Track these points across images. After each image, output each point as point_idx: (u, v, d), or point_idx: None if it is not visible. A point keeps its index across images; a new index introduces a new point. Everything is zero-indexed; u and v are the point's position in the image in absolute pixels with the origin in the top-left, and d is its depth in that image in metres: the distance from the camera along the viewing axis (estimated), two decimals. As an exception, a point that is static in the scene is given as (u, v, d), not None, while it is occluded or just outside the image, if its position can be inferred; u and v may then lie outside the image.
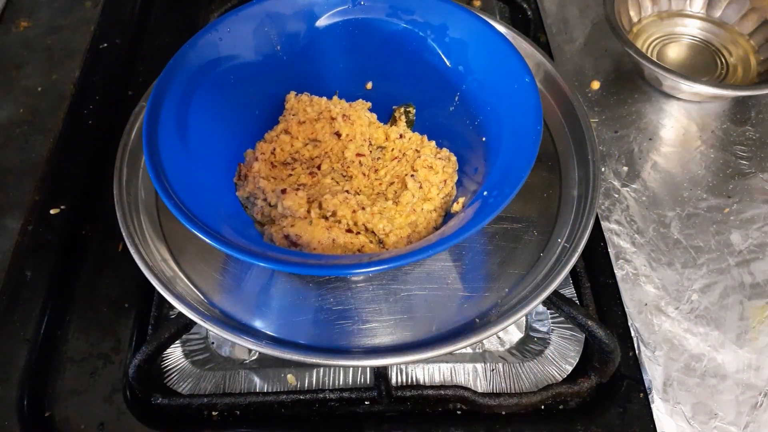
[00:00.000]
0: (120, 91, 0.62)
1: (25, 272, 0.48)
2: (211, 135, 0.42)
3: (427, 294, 0.41)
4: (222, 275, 0.42)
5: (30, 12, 0.66)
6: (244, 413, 0.45)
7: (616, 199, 0.53)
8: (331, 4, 0.45)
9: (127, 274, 0.49)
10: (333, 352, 0.38)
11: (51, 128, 0.56)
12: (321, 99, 0.48)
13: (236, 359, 0.48)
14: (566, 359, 0.46)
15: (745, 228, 0.50)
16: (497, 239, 0.43)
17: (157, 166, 0.36)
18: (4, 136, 0.55)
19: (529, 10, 0.68)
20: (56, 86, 0.59)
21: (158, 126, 0.38)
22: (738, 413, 0.42)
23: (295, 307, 0.41)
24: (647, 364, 0.44)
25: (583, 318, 0.43)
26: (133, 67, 0.65)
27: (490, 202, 0.36)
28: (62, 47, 0.62)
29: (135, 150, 0.46)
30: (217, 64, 0.43)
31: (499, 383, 0.45)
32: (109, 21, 0.66)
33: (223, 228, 0.36)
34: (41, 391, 0.44)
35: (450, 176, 0.45)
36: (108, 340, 0.46)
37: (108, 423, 0.43)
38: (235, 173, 0.45)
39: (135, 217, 0.43)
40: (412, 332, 0.39)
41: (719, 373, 0.44)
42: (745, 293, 0.47)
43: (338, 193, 0.42)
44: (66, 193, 0.53)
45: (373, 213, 0.41)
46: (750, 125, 0.57)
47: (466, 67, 0.44)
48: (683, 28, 0.64)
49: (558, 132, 0.48)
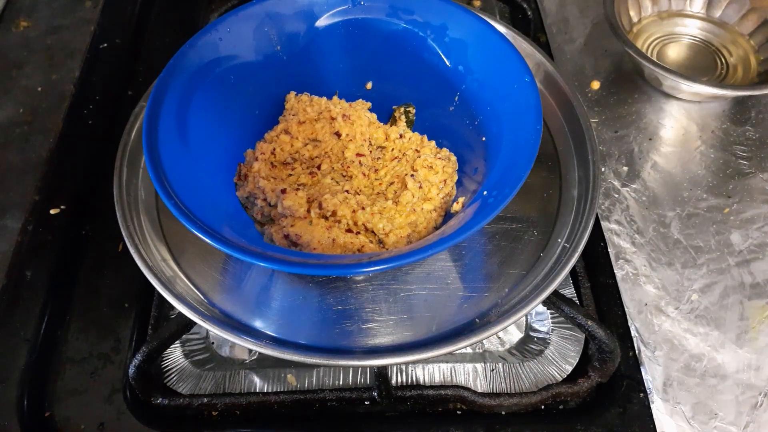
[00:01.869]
0: (120, 91, 0.62)
1: (25, 272, 0.48)
2: (211, 135, 0.42)
3: (427, 294, 0.41)
4: (222, 275, 0.42)
5: (30, 12, 0.66)
6: (244, 413, 0.45)
7: (616, 199, 0.53)
8: (331, 4, 0.45)
9: (127, 274, 0.49)
10: (333, 352, 0.38)
11: (51, 128, 0.56)
12: (321, 99, 0.48)
13: (236, 359, 0.48)
14: (566, 359, 0.46)
15: (745, 228, 0.50)
16: (497, 239, 0.43)
17: (157, 166, 0.36)
18: (4, 136, 0.55)
19: (529, 10, 0.68)
20: (56, 86, 0.59)
21: (158, 126, 0.38)
22: (738, 413, 0.42)
23: (295, 307, 0.41)
24: (647, 364, 0.44)
25: (583, 318, 0.43)
26: (133, 67, 0.65)
27: (490, 202, 0.36)
28: (62, 47, 0.62)
29: (135, 150, 0.46)
30: (217, 64, 0.43)
31: (499, 383, 0.45)
32: (109, 21, 0.66)
33: (223, 228, 0.36)
34: (41, 391, 0.44)
35: (450, 176, 0.45)
36: (108, 340, 0.46)
37: (108, 423, 0.43)
38: (235, 173, 0.45)
39: (135, 217, 0.43)
40: (412, 332, 0.39)
41: (719, 373, 0.44)
42: (745, 293, 0.47)
43: (338, 193, 0.42)
44: (66, 193, 0.53)
45: (373, 213, 0.41)
46: (750, 125, 0.57)
47: (466, 67, 0.44)
48: (683, 28, 0.64)
49: (558, 132, 0.48)
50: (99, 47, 0.64)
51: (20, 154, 0.54)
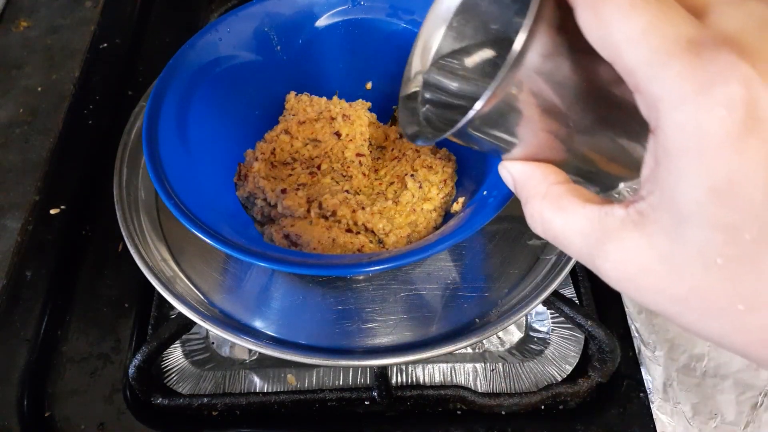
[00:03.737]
0: (120, 91, 0.62)
1: (25, 272, 0.48)
2: (211, 135, 0.42)
3: (427, 294, 0.41)
4: (222, 275, 0.42)
5: (30, 12, 0.66)
6: (244, 413, 0.45)
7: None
8: (331, 4, 0.45)
9: (127, 274, 0.49)
10: (333, 352, 0.38)
11: (51, 128, 0.56)
12: (321, 99, 0.48)
13: (236, 359, 0.48)
14: (566, 359, 0.46)
15: (745, 228, 0.50)
16: (497, 239, 0.43)
17: (157, 166, 0.36)
18: (4, 136, 0.55)
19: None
20: (56, 86, 0.59)
21: (158, 126, 0.38)
22: (738, 413, 0.42)
23: (295, 307, 0.41)
24: (647, 364, 0.44)
25: (583, 318, 0.43)
26: (133, 67, 0.65)
27: (490, 201, 0.36)
28: (62, 47, 0.62)
29: (135, 150, 0.46)
30: (217, 64, 0.43)
31: (499, 383, 0.45)
32: (109, 21, 0.66)
33: (223, 228, 0.36)
34: (41, 391, 0.44)
35: (450, 176, 0.45)
36: (108, 340, 0.46)
37: (108, 423, 0.43)
38: (235, 173, 0.45)
39: (135, 217, 0.43)
40: (412, 332, 0.39)
41: (719, 373, 0.44)
42: (745, 293, 0.47)
43: (338, 192, 0.42)
44: (66, 193, 0.53)
45: (372, 213, 0.41)
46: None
47: (466, 67, 0.44)
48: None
49: (558, 132, 0.48)
50: (99, 47, 0.64)
51: (20, 154, 0.54)
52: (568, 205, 0.23)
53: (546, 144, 0.24)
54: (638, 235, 0.20)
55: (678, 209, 0.18)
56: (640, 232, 0.20)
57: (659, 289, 0.20)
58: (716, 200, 0.17)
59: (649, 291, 0.20)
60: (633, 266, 0.20)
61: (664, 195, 0.19)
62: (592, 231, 0.22)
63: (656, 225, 0.19)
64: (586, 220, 0.22)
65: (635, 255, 0.20)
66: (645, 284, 0.20)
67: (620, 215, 0.21)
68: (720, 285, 0.18)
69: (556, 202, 0.24)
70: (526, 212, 0.25)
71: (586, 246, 0.22)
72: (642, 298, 0.21)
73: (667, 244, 0.19)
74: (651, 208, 0.19)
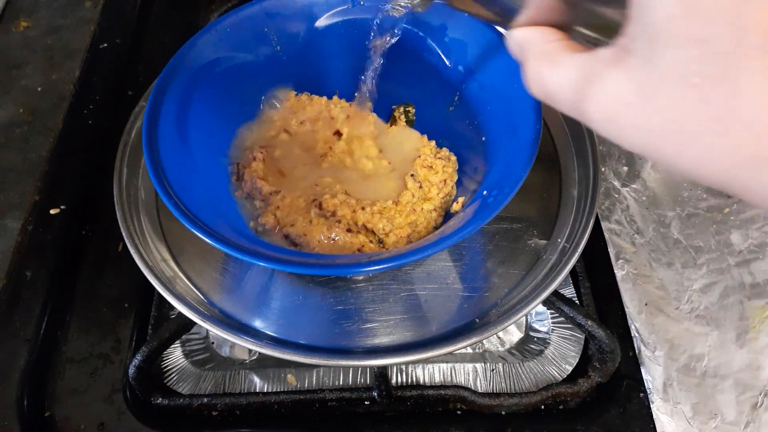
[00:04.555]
0: (120, 91, 0.62)
1: (25, 272, 0.48)
2: (211, 135, 0.42)
3: (427, 294, 0.41)
4: (222, 275, 0.42)
5: (30, 12, 0.66)
6: (244, 413, 0.45)
7: (616, 199, 0.53)
8: (331, 4, 0.45)
9: (127, 274, 0.49)
10: (333, 352, 0.38)
11: (51, 128, 0.56)
12: (321, 99, 0.48)
13: (236, 359, 0.48)
14: (566, 359, 0.46)
15: (745, 228, 0.50)
16: (497, 239, 0.43)
17: (157, 166, 0.36)
18: (4, 136, 0.55)
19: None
20: (56, 86, 0.59)
21: (158, 126, 0.38)
22: (738, 413, 0.42)
23: (295, 307, 0.41)
24: (647, 364, 0.44)
25: (583, 318, 0.43)
26: (133, 67, 0.65)
27: (490, 201, 0.36)
28: (62, 47, 0.62)
29: (135, 150, 0.45)
30: (216, 64, 0.43)
31: (499, 383, 0.45)
32: (109, 21, 0.66)
33: (223, 228, 0.36)
34: (41, 391, 0.44)
35: (450, 176, 0.45)
36: (108, 340, 0.46)
37: (108, 423, 0.43)
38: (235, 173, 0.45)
39: (135, 217, 0.43)
40: (412, 332, 0.39)
41: (719, 373, 0.44)
42: (745, 293, 0.47)
43: (338, 193, 0.42)
44: (66, 193, 0.53)
45: (372, 213, 0.41)
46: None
47: (465, 66, 0.44)
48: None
49: (558, 132, 0.48)
50: (99, 47, 0.64)
51: (20, 154, 0.54)
52: (561, 58, 0.23)
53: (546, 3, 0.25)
54: (619, 70, 0.20)
55: (654, 30, 0.18)
56: (620, 67, 0.20)
57: (638, 124, 0.20)
58: (687, 12, 0.17)
59: (628, 127, 0.20)
60: (614, 103, 0.20)
61: (641, 20, 0.19)
62: (579, 77, 0.22)
63: (635, 55, 0.19)
64: (576, 68, 0.22)
65: (615, 90, 0.20)
66: (624, 121, 0.20)
67: (606, 56, 0.21)
68: (696, 108, 0.18)
69: (551, 58, 0.24)
70: (526, 74, 0.25)
71: (575, 93, 0.22)
72: (623, 136, 0.21)
73: (645, 72, 0.19)
74: (630, 39, 0.19)
